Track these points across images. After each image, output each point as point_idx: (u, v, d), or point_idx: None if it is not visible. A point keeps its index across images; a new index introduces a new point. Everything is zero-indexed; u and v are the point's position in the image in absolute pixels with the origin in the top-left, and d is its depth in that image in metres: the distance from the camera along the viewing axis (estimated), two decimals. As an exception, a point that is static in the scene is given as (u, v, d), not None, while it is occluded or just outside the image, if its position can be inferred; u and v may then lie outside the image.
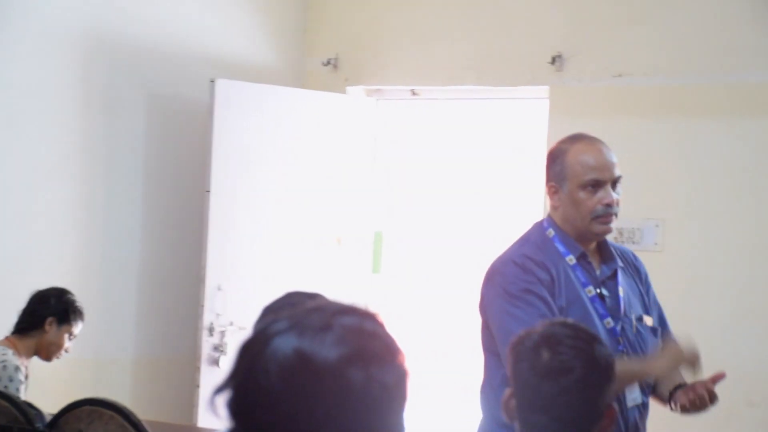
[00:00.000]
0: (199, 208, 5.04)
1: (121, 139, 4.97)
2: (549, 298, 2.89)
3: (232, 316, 5.00)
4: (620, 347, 2.88)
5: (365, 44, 5.55)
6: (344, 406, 1.25)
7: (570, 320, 2.16)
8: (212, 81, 5.01)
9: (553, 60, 5.04)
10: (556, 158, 2.95)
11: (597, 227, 2.90)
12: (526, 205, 5.80)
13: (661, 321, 3.08)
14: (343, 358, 1.26)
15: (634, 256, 3.10)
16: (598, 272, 2.95)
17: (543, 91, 5.14)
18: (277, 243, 5.21)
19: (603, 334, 2.81)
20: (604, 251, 2.98)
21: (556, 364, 2.01)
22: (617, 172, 2.90)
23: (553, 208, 2.95)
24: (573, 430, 2.03)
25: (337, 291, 5.13)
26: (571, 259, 2.91)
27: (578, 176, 2.88)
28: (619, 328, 2.91)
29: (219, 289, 4.98)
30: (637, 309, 2.98)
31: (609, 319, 2.90)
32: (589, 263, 2.94)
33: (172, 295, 5.16)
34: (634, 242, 4.81)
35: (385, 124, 5.65)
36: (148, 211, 5.06)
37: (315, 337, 1.27)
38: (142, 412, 3.59)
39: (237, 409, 1.27)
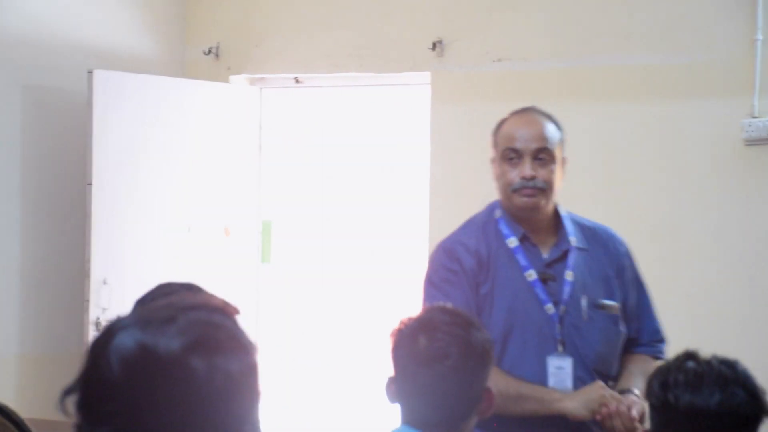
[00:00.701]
0: (81, 201, 4.94)
1: (-3, 132, 4.85)
2: (468, 288, 2.83)
3: (118, 310, 4.89)
4: (557, 335, 2.79)
5: (247, 32, 5.51)
6: (187, 395, 1.25)
7: (449, 306, 2.17)
8: (90, 72, 4.91)
9: (434, 46, 5.08)
10: (494, 130, 2.93)
11: (517, 200, 2.82)
12: (410, 190, 5.85)
13: (640, 306, 2.95)
14: (185, 347, 1.26)
15: (609, 235, 2.97)
16: (546, 255, 2.86)
17: (425, 77, 5.18)
18: (164, 235, 5.15)
19: (540, 321, 2.79)
20: (560, 231, 2.88)
21: (432, 351, 2.03)
22: (541, 144, 2.82)
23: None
24: (451, 415, 2.06)
25: (226, 281, 5.13)
26: (512, 242, 2.84)
27: (500, 147, 2.87)
28: (560, 313, 2.81)
29: (104, 283, 4.90)
30: (595, 293, 2.85)
31: (549, 305, 2.81)
32: (534, 245, 2.85)
33: (57, 290, 5.05)
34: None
35: (269, 112, 5.63)
36: (27, 206, 4.95)
37: (158, 329, 1.27)
38: (26, 411, 3.51)
39: (82, 403, 1.28)
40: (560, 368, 2.78)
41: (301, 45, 5.40)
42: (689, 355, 1.95)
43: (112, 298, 4.92)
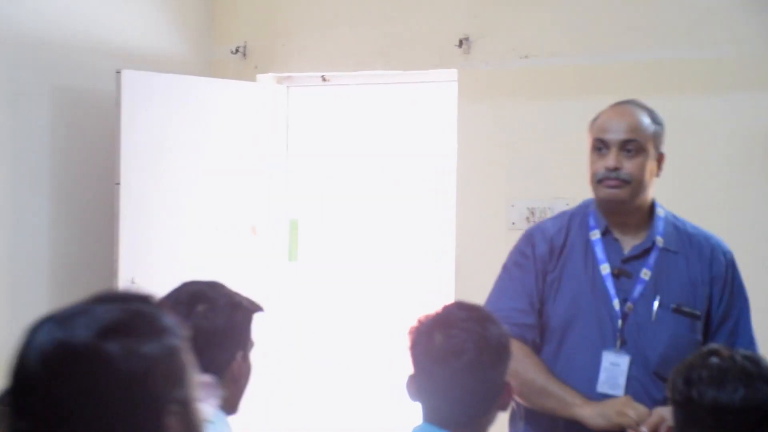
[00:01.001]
0: (109, 201, 4.97)
1: (27, 133, 4.88)
2: (534, 274, 2.84)
3: (147, 309, 4.93)
4: (618, 331, 2.74)
5: (273, 31, 5.52)
6: (105, 380, 1.28)
7: (467, 301, 2.17)
8: (118, 72, 4.94)
9: (461, 43, 5.07)
10: (590, 122, 2.88)
11: (600, 191, 2.78)
12: (437, 188, 5.84)
13: (735, 322, 2.81)
14: (98, 334, 1.30)
15: (710, 243, 2.85)
16: (626, 251, 2.80)
17: (451, 74, 5.17)
18: (191, 234, 5.17)
19: (603, 315, 2.75)
20: (649, 229, 2.81)
21: (448, 347, 2.03)
22: (629, 135, 2.76)
23: None
24: (470, 411, 2.05)
25: (253, 279, 5.15)
26: (594, 234, 2.81)
27: (591, 138, 2.83)
28: (625, 310, 2.75)
29: (133, 282, 4.93)
30: (674, 297, 2.76)
31: (617, 301, 2.75)
32: (616, 240, 2.81)
33: (86, 290, 4.98)
34: (545, 221, 4.88)
35: (296, 111, 5.64)
36: (56, 206, 4.98)
37: (72, 322, 1.31)
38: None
39: (9, 399, 1.32)
40: (615, 365, 2.72)
41: (328, 43, 5.41)
42: (712, 351, 1.94)
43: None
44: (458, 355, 2.03)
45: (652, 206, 2.85)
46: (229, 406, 2.20)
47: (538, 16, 4.93)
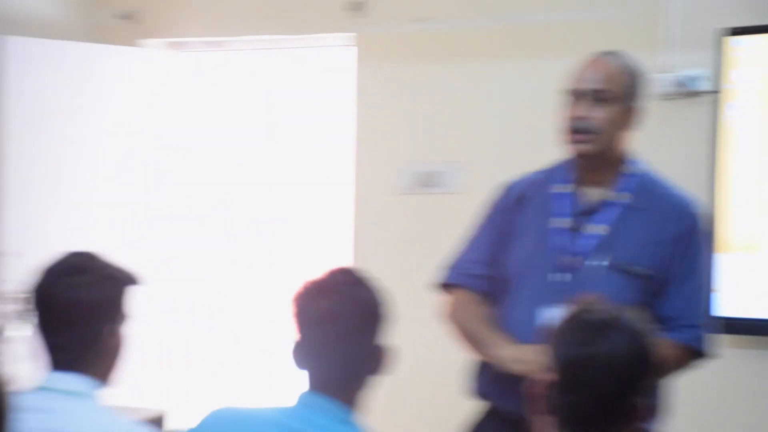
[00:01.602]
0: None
1: None
2: (493, 226, 2.84)
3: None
4: (562, 285, 2.67)
5: (163, -5, 5.44)
6: None
7: (348, 266, 2.19)
8: (1, 38, 4.83)
9: (358, 6, 5.05)
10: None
11: (568, 143, 2.73)
12: (337, 151, 5.84)
13: (682, 284, 2.69)
14: None
15: (681, 204, 2.74)
16: (588, 205, 2.74)
17: (349, 38, 5.15)
18: (78, 204, 5.08)
19: (550, 269, 2.70)
20: (616, 184, 2.74)
21: (328, 311, 2.04)
22: (600, 85, 2.69)
23: None
24: (351, 374, 2.08)
25: (147, 246, 5.08)
26: (557, 187, 2.78)
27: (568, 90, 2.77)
28: (572, 264, 2.69)
29: (16, 255, 4.83)
30: (628, 255, 2.67)
31: (568, 256, 2.68)
32: (578, 194, 2.75)
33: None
34: (440, 185, 4.92)
35: (189, 76, 5.57)
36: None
37: None
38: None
39: None
40: (553, 319, 2.72)
41: (220, 6, 5.34)
42: (581, 309, 1.94)
43: (27, 269, 4.86)
44: (338, 318, 2.05)
45: (626, 161, 2.78)
46: (101, 378, 2.18)
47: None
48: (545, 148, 4.60)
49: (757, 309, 4.17)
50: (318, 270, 2.15)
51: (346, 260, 5.02)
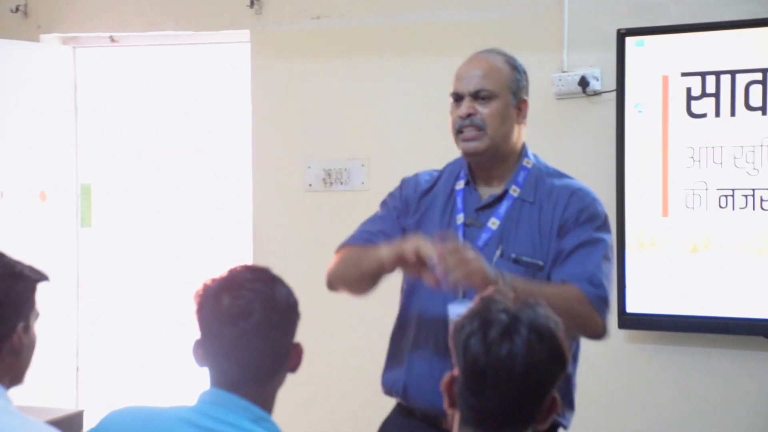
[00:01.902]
0: None
1: None
2: (395, 213, 2.84)
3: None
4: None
5: (57, -11, 5.33)
6: None
7: (253, 264, 2.17)
8: None
9: (252, 3, 5.03)
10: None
11: (459, 144, 2.76)
12: (234, 147, 5.80)
13: (569, 253, 2.69)
14: None
15: (571, 192, 2.77)
16: (484, 200, 2.78)
17: (244, 34, 5.12)
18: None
19: None
20: (509, 178, 2.78)
21: (236, 308, 2.01)
22: (480, 84, 2.73)
23: None
24: (259, 372, 2.05)
25: (43, 247, 4.99)
26: (459, 184, 2.80)
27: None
28: None
29: None
30: (519, 247, 2.71)
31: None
32: (476, 190, 2.79)
33: None
34: (342, 183, 4.92)
35: (85, 72, 5.47)
36: None
37: None
38: None
39: None
40: (460, 315, 2.72)
41: (116, 3, 5.26)
42: (484, 307, 1.85)
43: None
44: (246, 315, 2.01)
45: (519, 155, 2.82)
46: (12, 377, 2.13)
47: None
48: (445, 145, 4.68)
49: (657, 305, 4.26)
50: (219, 268, 2.13)
51: (245, 258, 4.99)
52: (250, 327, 2.01)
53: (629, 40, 4.28)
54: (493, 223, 2.74)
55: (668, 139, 4.24)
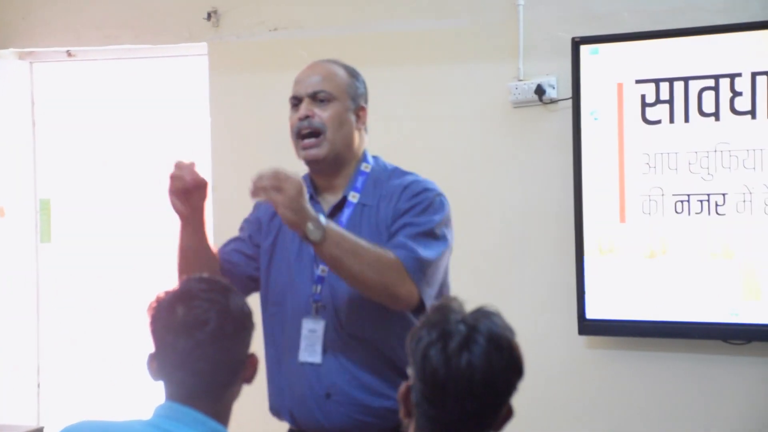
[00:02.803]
0: None
1: None
2: (247, 238, 2.87)
3: None
4: (317, 296, 2.72)
5: (13, 3, 5.30)
6: None
7: (206, 275, 2.16)
8: None
9: (209, 16, 5.03)
10: None
11: (300, 153, 2.76)
12: (193, 160, 5.77)
13: (400, 234, 2.67)
14: None
15: (407, 186, 2.76)
16: (326, 212, 2.76)
17: (202, 47, 5.12)
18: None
19: (306, 282, 2.73)
20: (352, 186, 2.78)
21: (190, 319, 2.01)
22: (318, 86, 2.75)
23: None
24: (214, 383, 2.04)
25: (2, 263, 4.96)
26: None
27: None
28: (320, 274, 2.73)
29: None
30: None
31: (323, 266, 2.69)
32: (318, 203, 2.78)
33: None
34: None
35: (42, 87, 5.45)
36: None
37: None
38: None
39: None
40: (312, 331, 2.71)
41: (72, 16, 5.24)
42: (439, 317, 1.85)
43: None
44: (201, 325, 2.01)
45: (359, 161, 2.83)
46: None
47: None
48: (405, 152, 4.70)
49: (616, 310, 4.30)
50: (172, 281, 2.12)
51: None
52: (206, 337, 2.01)
53: (584, 48, 4.32)
54: None
55: (624, 145, 4.28)
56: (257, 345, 2.22)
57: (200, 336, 2.00)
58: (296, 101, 2.79)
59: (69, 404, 5.49)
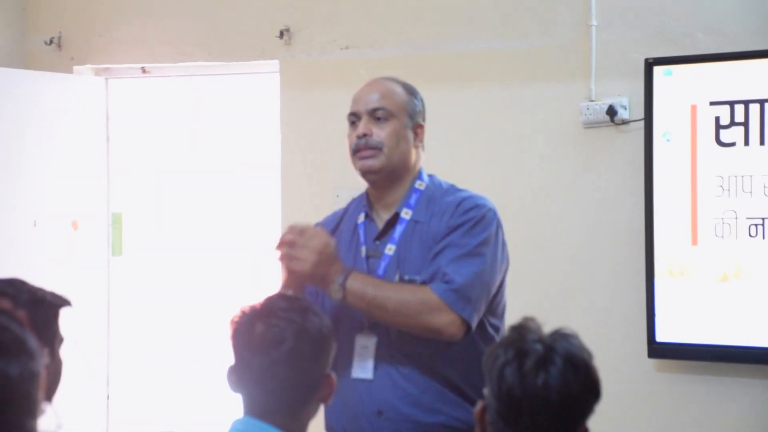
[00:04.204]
0: None
1: None
2: None
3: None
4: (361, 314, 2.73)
5: (90, 21, 5.40)
6: None
7: (289, 292, 2.19)
8: (-76, 64, 4.76)
9: (282, 34, 5.08)
10: None
11: (356, 163, 2.78)
12: (262, 179, 5.83)
13: (444, 259, 2.68)
14: None
15: (460, 202, 2.75)
16: (379, 229, 2.79)
17: (273, 65, 5.17)
18: (7, 230, 5.01)
19: None
20: (405, 202, 2.79)
21: (267, 337, 2.03)
22: (377, 104, 2.77)
23: None
24: (289, 401, 2.06)
25: (75, 276, 5.04)
26: (360, 217, 2.82)
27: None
28: None
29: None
30: (413, 268, 2.72)
31: None
32: (372, 220, 2.81)
33: None
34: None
35: (117, 103, 5.54)
36: None
37: None
38: None
39: None
40: (364, 347, 2.72)
41: (147, 34, 5.33)
42: (518, 336, 1.86)
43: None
44: (277, 344, 2.03)
45: (415, 178, 2.83)
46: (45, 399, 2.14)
47: (357, 7, 4.98)
48: (475, 170, 4.70)
49: (687, 334, 4.25)
50: (250, 297, 2.15)
51: (275, 287, 5.00)
52: (281, 356, 2.03)
53: (657, 70, 4.29)
54: (390, 249, 2.75)
55: (697, 167, 4.23)
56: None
57: (276, 354, 2.03)
58: (354, 118, 2.82)
59: (138, 416, 5.55)
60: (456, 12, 4.81)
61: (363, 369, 2.72)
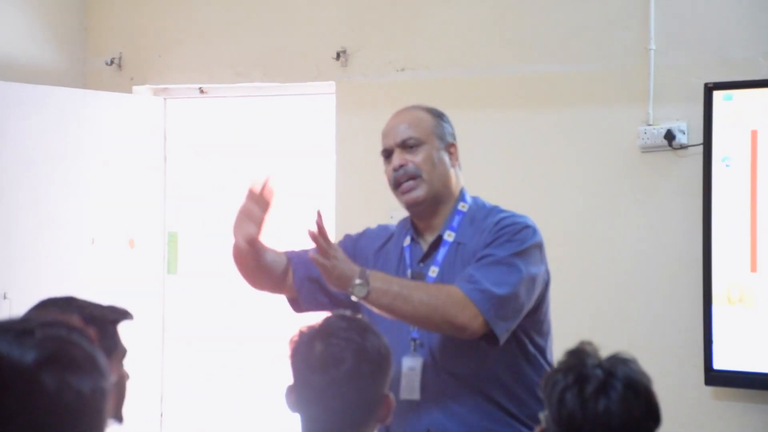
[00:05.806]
0: (-20, 215, 4.86)
1: None
2: (352, 244, 2.90)
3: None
4: (413, 334, 2.75)
5: (149, 42, 5.47)
6: (32, 409, 1.24)
7: (348, 312, 2.19)
8: (-12, 83, 4.84)
9: (338, 55, 5.11)
10: None
11: (400, 198, 2.80)
12: (317, 199, 5.85)
13: (476, 267, 2.69)
14: (38, 361, 1.26)
15: (499, 221, 2.76)
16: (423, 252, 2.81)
17: (330, 86, 5.20)
18: (66, 247, 5.08)
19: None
20: (448, 225, 2.80)
21: (327, 356, 2.03)
22: (405, 134, 2.79)
23: None
24: (348, 421, 2.06)
25: (131, 293, 5.08)
26: (406, 240, 2.84)
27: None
28: None
29: (5, 297, 4.82)
30: None
31: None
32: (417, 244, 2.82)
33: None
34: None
35: (174, 123, 5.59)
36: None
37: (14, 339, 1.27)
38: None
39: None
40: (411, 369, 2.73)
41: (205, 54, 5.39)
42: (577, 361, 1.86)
43: (13, 313, 4.84)
44: (337, 364, 2.03)
45: (456, 200, 2.84)
46: (114, 415, 2.16)
47: (414, 30, 4.99)
48: (530, 194, 4.69)
49: (746, 362, 4.19)
50: (304, 317, 2.15)
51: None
52: (341, 375, 2.03)
53: (717, 94, 4.25)
54: (433, 272, 2.76)
55: (757, 193, 4.19)
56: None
57: (335, 374, 2.03)
58: (387, 153, 2.84)
59: (193, 422, 5.58)
60: (513, 35, 4.81)
61: (410, 390, 2.71)
